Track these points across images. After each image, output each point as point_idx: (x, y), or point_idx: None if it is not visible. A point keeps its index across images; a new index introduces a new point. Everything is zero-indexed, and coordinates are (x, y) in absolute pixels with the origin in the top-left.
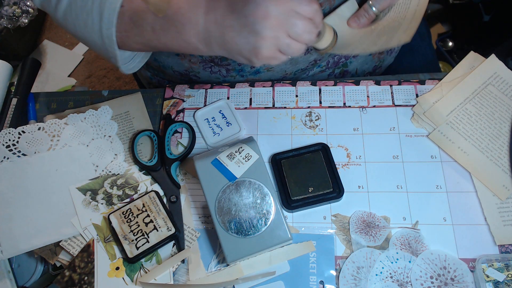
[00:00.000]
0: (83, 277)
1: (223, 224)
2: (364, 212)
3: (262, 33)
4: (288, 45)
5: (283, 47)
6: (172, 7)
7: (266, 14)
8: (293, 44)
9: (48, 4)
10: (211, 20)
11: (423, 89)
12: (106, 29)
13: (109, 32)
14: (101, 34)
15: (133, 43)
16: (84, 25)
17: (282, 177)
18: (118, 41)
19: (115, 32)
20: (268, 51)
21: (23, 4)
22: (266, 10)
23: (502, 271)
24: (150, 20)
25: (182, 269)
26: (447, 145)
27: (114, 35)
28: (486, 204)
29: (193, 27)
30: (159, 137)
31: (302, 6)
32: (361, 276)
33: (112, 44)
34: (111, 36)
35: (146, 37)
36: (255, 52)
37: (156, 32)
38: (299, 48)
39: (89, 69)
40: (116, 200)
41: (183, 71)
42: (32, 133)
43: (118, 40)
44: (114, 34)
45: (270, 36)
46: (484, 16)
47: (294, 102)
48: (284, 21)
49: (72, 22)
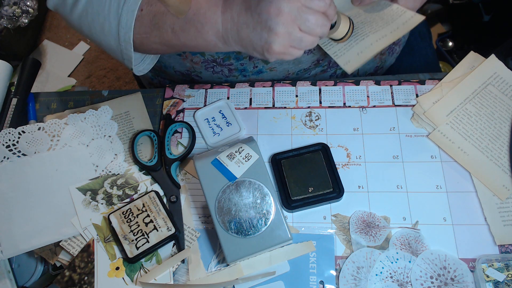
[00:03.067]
0: (83, 277)
1: (223, 224)
2: (364, 212)
3: (275, 29)
4: (300, 39)
5: (296, 42)
6: (192, 8)
7: (278, 11)
8: (306, 38)
9: (62, 7)
10: (228, 18)
11: (423, 89)
12: (124, 33)
13: (127, 36)
14: (118, 37)
15: (152, 44)
16: (101, 29)
17: (282, 177)
18: (136, 44)
19: (132, 36)
20: (280, 46)
21: (23, 4)
22: (279, 7)
23: (502, 271)
24: (170, 22)
25: (182, 269)
26: (447, 145)
27: (131, 38)
28: (486, 204)
29: (212, 26)
30: (159, 137)
31: (314, 1)
32: (361, 276)
33: (129, 47)
34: (129, 40)
35: (165, 38)
36: (267, 47)
37: (176, 33)
38: (312, 41)
39: (89, 69)
40: (116, 200)
41: (185, 71)
42: (32, 133)
43: (136, 42)
44: (132, 37)
45: (283, 32)
46: (484, 16)
47: (294, 102)
48: (297, 16)
49: (87, 25)
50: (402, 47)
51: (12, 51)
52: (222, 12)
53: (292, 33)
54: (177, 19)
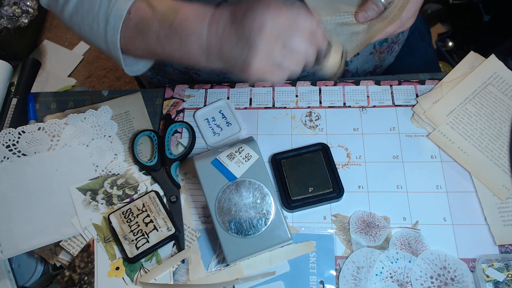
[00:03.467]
0: (83, 277)
1: (223, 224)
2: (364, 212)
3: (256, 45)
4: (282, 58)
5: (278, 60)
6: (178, 17)
7: (261, 26)
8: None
9: (54, 5)
10: (213, 31)
11: (423, 89)
12: (111, 35)
13: (114, 38)
14: (105, 38)
15: (137, 50)
16: (90, 29)
17: (282, 177)
18: (122, 47)
19: (119, 38)
20: (260, 64)
21: (23, 4)
22: (262, 22)
23: (502, 271)
24: (155, 28)
25: (182, 269)
26: (447, 145)
27: (118, 41)
28: (486, 204)
29: (197, 38)
30: (159, 137)
31: (301, 20)
32: (361, 276)
33: (116, 49)
34: (116, 42)
35: (150, 45)
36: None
37: (160, 41)
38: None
39: (89, 69)
40: (116, 200)
41: (183, 69)
42: (32, 133)
43: (122, 45)
44: (119, 40)
45: (264, 49)
46: (484, 16)
47: (294, 102)
48: (280, 33)
49: (78, 24)
50: (401, 46)
51: (12, 51)
52: (209, 25)
53: (274, 51)
54: (163, 26)
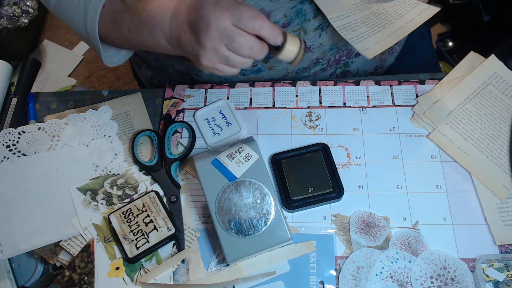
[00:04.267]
0: (83, 277)
1: (223, 224)
2: (364, 212)
3: (203, 43)
4: (227, 58)
5: (223, 59)
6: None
7: (207, 25)
8: (233, 57)
9: None
10: (174, 23)
11: (423, 89)
12: (90, 27)
13: (93, 30)
14: (86, 29)
15: (115, 40)
16: (72, 19)
17: (282, 177)
18: (102, 37)
19: (97, 30)
20: (208, 61)
21: (23, 4)
22: (207, 21)
23: (502, 271)
24: (127, 21)
25: (182, 269)
26: (447, 145)
27: (97, 32)
28: (486, 204)
29: (161, 28)
30: (159, 137)
31: (243, 22)
32: (361, 276)
33: (96, 40)
34: (95, 33)
35: (124, 35)
36: (197, 60)
37: (132, 32)
38: (242, 61)
39: (89, 69)
40: (116, 200)
41: (184, 69)
42: (32, 133)
43: (102, 37)
44: (97, 32)
45: (210, 48)
46: (484, 16)
47: (294, 102)
48: (223, 34)
49: (62, 14)
50: (402, 46)
51: (12, 51)
52: (172, 16)
53: (218, 50)
54: (133, 19)
